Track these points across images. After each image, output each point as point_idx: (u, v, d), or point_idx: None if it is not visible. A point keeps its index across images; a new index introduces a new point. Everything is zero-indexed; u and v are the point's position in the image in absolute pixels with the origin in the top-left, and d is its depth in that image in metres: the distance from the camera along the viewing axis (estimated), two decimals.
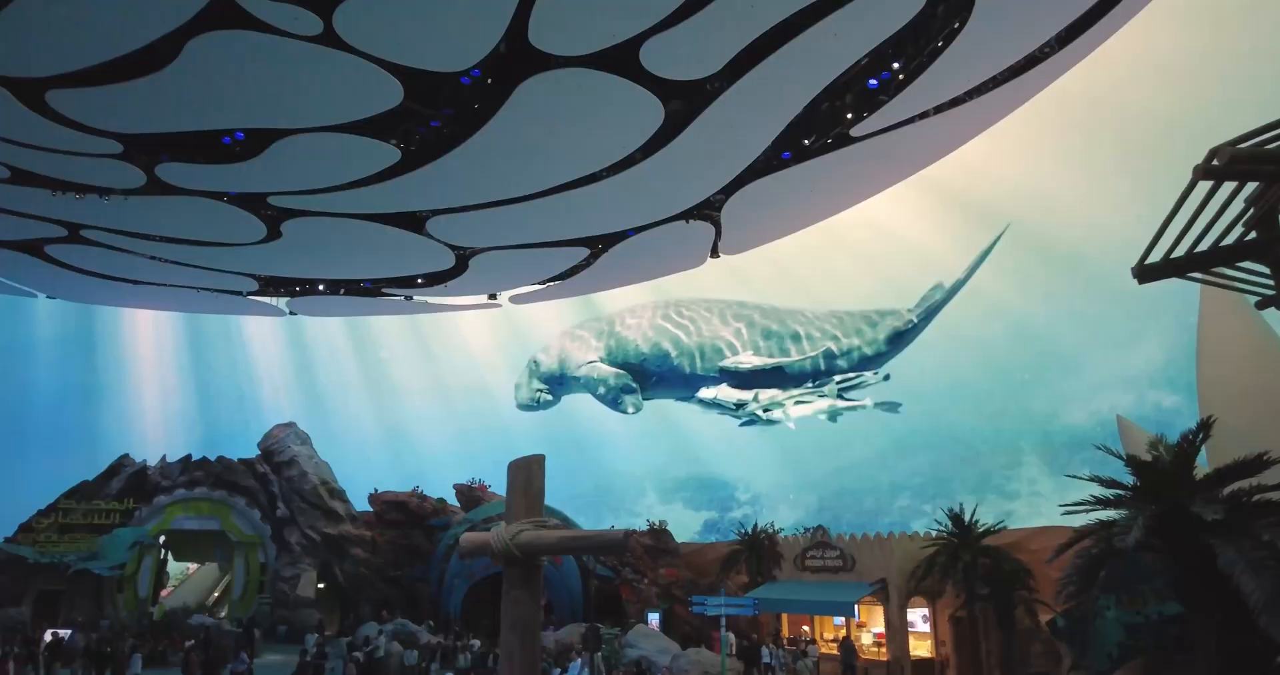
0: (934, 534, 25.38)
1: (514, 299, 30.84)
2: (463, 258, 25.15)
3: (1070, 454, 51.76)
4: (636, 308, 48.00)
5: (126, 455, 36.22)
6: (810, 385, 40.41)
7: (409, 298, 29.68)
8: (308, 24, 13.90)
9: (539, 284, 28.69)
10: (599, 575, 32.69)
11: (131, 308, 39.72)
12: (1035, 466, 58.37)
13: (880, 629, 26.96)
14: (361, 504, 37.21)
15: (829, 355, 41.10)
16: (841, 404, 39.86)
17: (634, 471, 64.32)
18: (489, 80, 15.96)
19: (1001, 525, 25.25)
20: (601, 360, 46.58)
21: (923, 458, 59.37)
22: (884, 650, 26.32)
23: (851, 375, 39.24)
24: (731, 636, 25.71)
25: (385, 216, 21.85)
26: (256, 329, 61.35)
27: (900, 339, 40.13)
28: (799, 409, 41.04)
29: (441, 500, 37.46)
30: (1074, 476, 15.70)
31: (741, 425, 44.02)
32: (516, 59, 15.21)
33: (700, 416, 43.78)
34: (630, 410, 45.79)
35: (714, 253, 25.58)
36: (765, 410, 40.99)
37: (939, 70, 16.78)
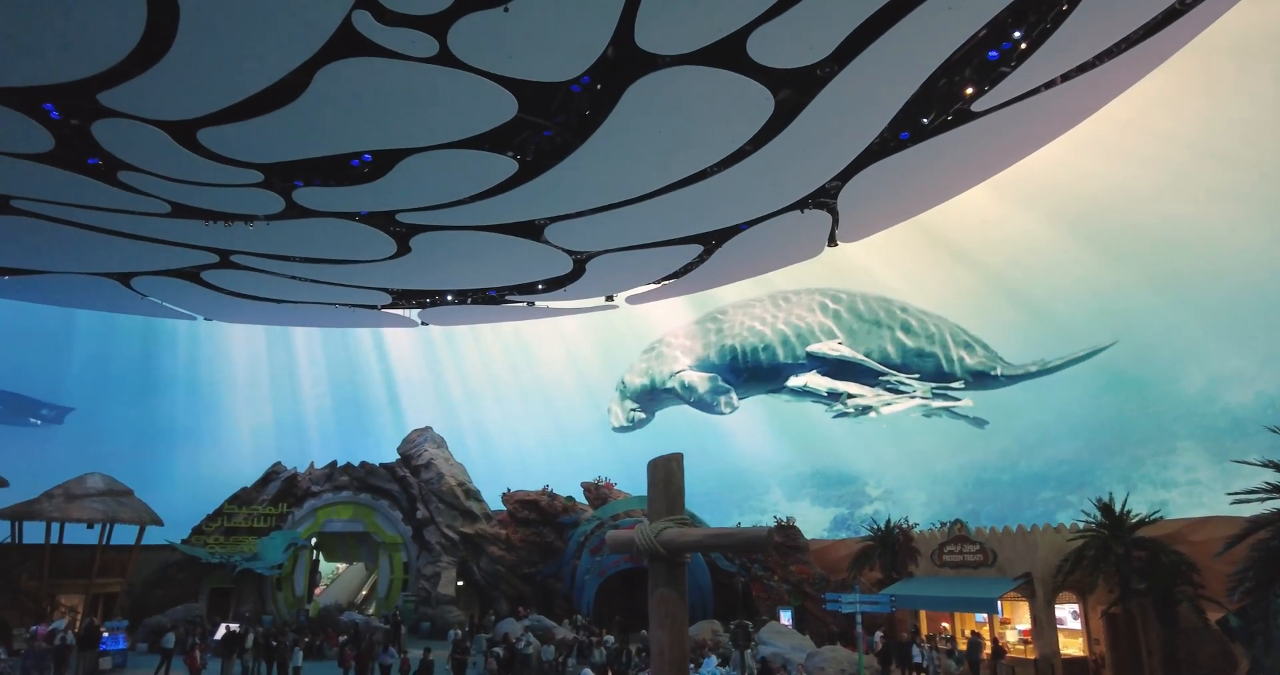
0: (1081, 526, 23.95)
1: (630, 299, 31.16)
2: (580, 262, 25.63)
3: (1234, 438, 47.73)
4: (721, 309, 48.33)
5: (279, 463, 38.85)
6: (898, 384, 40.05)
7: (531, 303, 30.52)
8: (424, 45, 14.50)
9: (654, 283, 28.88)
10: (727, 572, 32.58)
11: (278, 326, 42.58)
12: (1193, 453, 54.02)
13: (1026, 626, 25.67)
14: (495, 503, 38.46)
15: (919, 354, 40.32)
16: (936, 404, 39.15)
17: (758, 468, 63.64)
18: (598, 86, 16.19)
19: (1158, 515, 23.55)
20: (689, 368, 47.28)
21: (1067, 446, 55.91)
22: (1030, 648, 25.04)
23: (942, 386, 38.76)
24: (879, 634, 25.04)
25: (506, 226, 22.54)
26: (392, 339, 64.53)
27: (981, 379, 39.21)
28: (890, 409, 40.77)
29: (570, 498, 38.23)
30: (1243, 462, 14.48)
31: (834, 417, 43.50)
32: (624, 62, 15.37)
33: (826, 411, 43.22)
34: (726, 411, 45.76)
35: (832, 241, 25.03)
36: (857, 410, 40.96)
37: (1065, 34, 15.81)
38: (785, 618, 29.98)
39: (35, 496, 31.89)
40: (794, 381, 42.71)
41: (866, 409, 42.24)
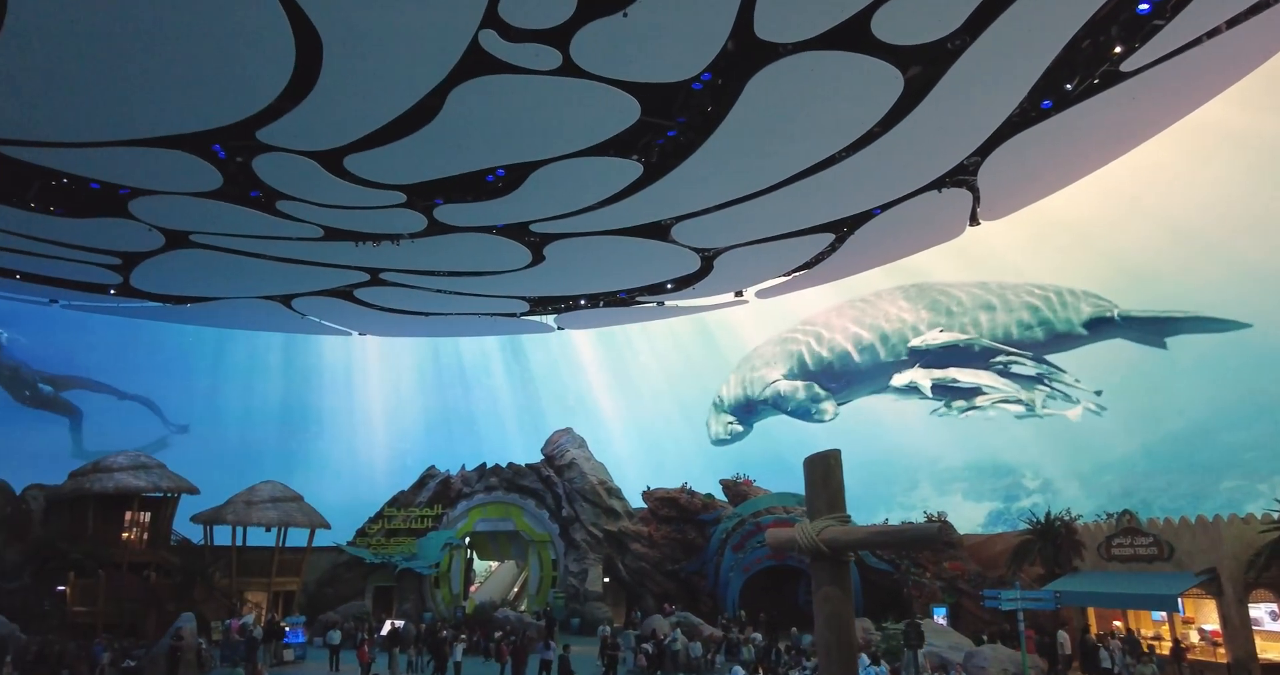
0: (1276, 516, 21.70)
1: (760, 294, 30.83)
2: (708, 259, 25.61)
3: None
4: (812, 316, 47.21)
5: (432, 467, 40.90)
6: (1012, 362, 38.06)
7: (660, 303, 30.77)
8: (548, 58, 14.89)
9: (784, 276, 28.44)
10: (876, 569, 31.66)
11: (426, 337, 44.80)
12: None
13: (1212, 626, 23.51)
14: (636, 501, 38.96)
15: (1023, 325, 38.05)
16: (1041, 395, 37.04)
17: (904, 462, 61.15)
18: (719, 81, 16.12)
19: None
20: (784, 377, 46.43)
21: (1257, 429, 50.32)
22: (1220, 651, 22.92)
23: (1053, 371, 36.35)
24: (1064, 635, 23.63)
25: (633, 229, 22.82)
26: (529, 344, 66.48)
27: (1099, 326, 36.19)
28: (996, 410, 39.00)
29: (709, 495, 38.23)
30: None
31: (934, 413, 41.85)
32: (745, 55, 15.23)
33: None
34: (827, 417, 45.07)
35: (973, 220, 23.86)
36: (964, 411, 39.41)
37: None
38: (938, 616, 28.83)
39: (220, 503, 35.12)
40: (897, 379, 41.72)
41: (969, 412, 41.03)
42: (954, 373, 40.20)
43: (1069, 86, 17.38)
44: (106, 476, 33.66)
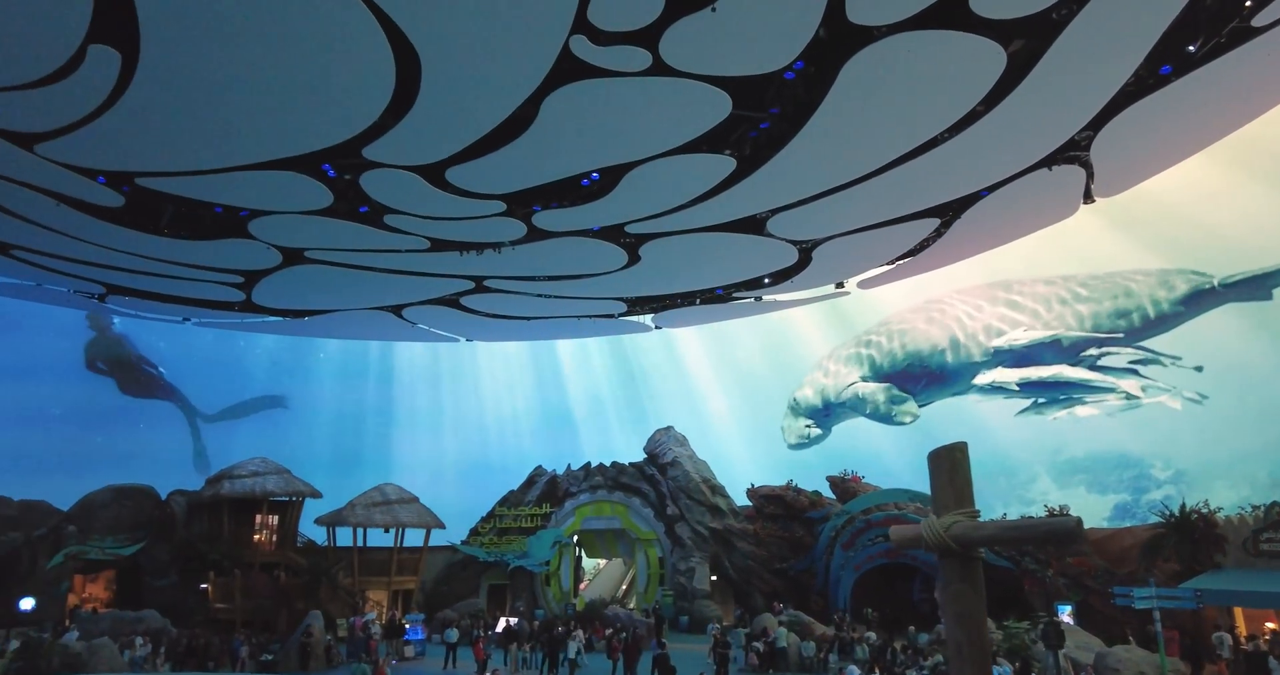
0: None
1: (862, 284, 30.10)
2: (806, 251, 25.18)
3: None
4: (889, 317, 45.85)
5: (539, 466, 41.84)
6: (1098, 371, 36.09)
7: (758, 298, 30.46)
8: (639, 59, 14.94)
9: (887, 264, 27.67)
10: (994, 565, 30.42)
11: (528, 341, 45.77)
12: None
13: None
14: (740, 499, 38.74)
15: (1116, 314, 35.79)
16: (1137, 387, 34.73)
17: (1021, 455, 58.27)
18: (812, 70, 15.81)
19: None
20: (862, 379, 45.28)
21: None
22: None
23: (1146, 354, 34.09)
24: (1225, 636, 22.16)
25: (728, 225, 22.68)
26: (628, 342, 66.94)
27: (1199, 300, 33.59)
28: (1087, 409, 36.94)
29: (816, 492, 37.62)
30: None
31: (1018, 414, 40.00)
32: (837, 41, 14.89)
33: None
34: (907, 420, 43.76)
35: (1087, 197, 22.59)
36: (1056, 410, 37.63)
37: None
38: (1063, 613, 27.44)
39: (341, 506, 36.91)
40: (980, 380, 40.27)
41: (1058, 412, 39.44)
42: (1041, 371, 38.85)
43: (1191, 48, 16.22)
44: (238, 482, 35.93)
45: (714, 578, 36.80)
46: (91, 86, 15.72)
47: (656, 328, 35.86)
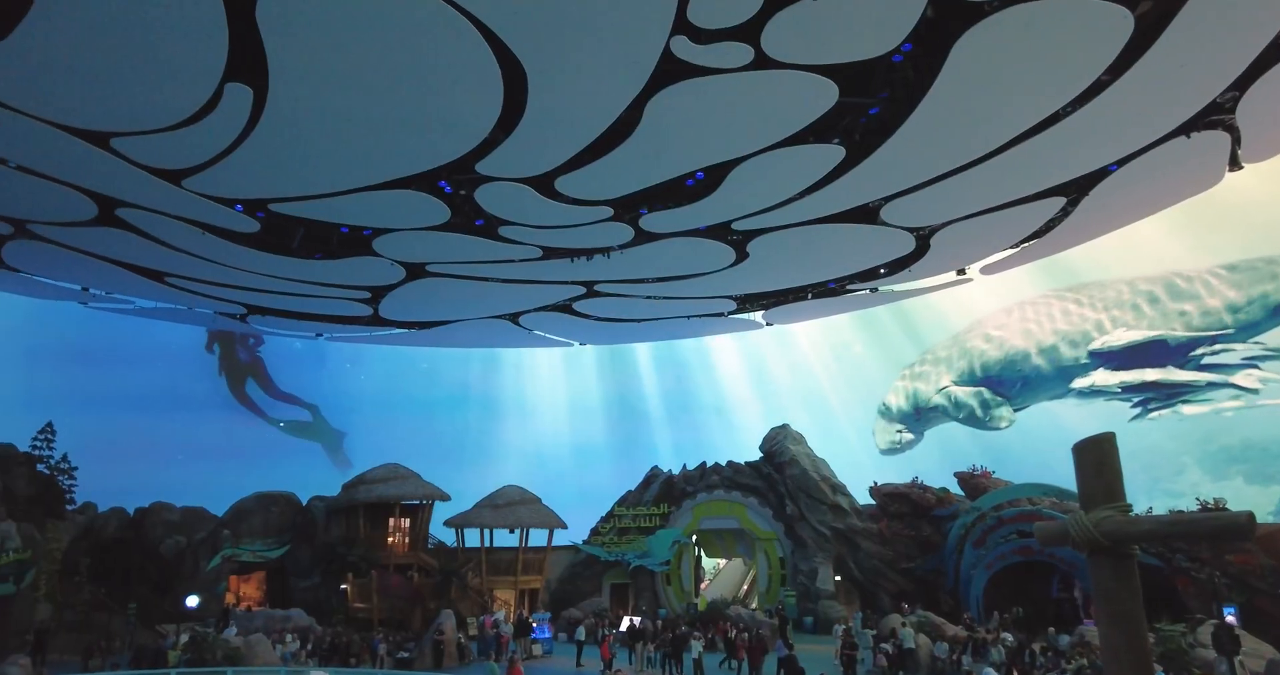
0: None
1: (985, 270, 28.80)
2: (923, 238, 24.32)
3: None
4: (980, 320, 44.65)
5: (655, 466, 42.20)
6: (1209, 370, 33.61)
7: (874, 289, 29.64)
8: (740, 54, 14.80)
9: (1011, 248, 26.36)
10: (1142, 563, 28.51)
11: (637, 342, 46.23)
12: None
13: None
14: (863, 497, 37.90)
15: (1230, 308, 33.10)
16: (1256, 380, 32.00)
17: (1166, 445, 54.34)
18: (921, 51, 15.26)
19: None
20: (954, 382, 43.97)
21: None
22: None
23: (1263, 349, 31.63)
24: None
25: (839, 215, 22.17)
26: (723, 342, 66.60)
27: None
28: (1195, 408, 34.39)
29: (944, 489, 36.35)
30: None
31: (1133, 420, 37.38)
32: (946, 19, 14.31)
33: None
34: (1003, 425, 42.64)
35: (1234, 163, 20.80)
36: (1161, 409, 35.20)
37: None
38: (1228, 615, 25.38)
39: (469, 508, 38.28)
40: (1079, 383, 38.46)
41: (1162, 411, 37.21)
42: (1147, 373, 36.64)
43: None
44: (371, 487, 37.85)
45: (838, 578, 36.09)
46: (229, 122, 16.91)
47: (767, 324, 35.47)
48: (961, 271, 28.61)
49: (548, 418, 73.23)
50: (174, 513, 37.54)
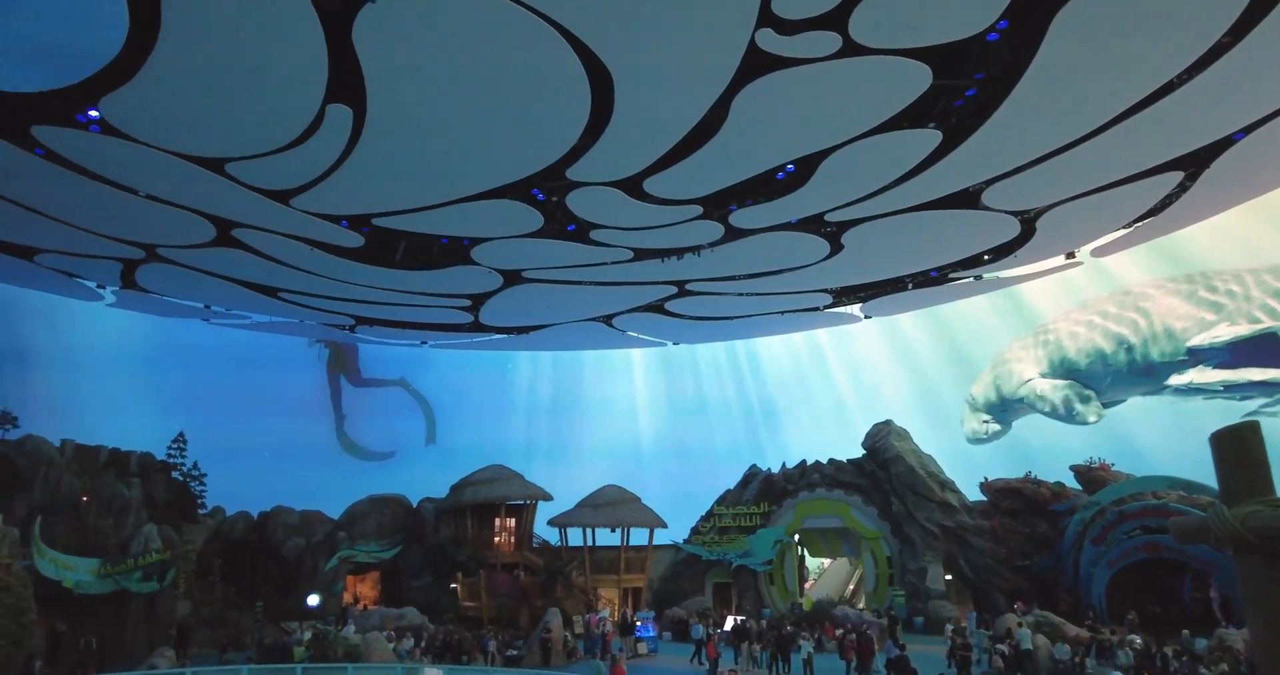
0: None
1: (1095, 252, 27.33)
2: (1028, 221, 23.26)
3: None
4: (1069, 310, 42.94)
5: (754, 465, 41.82)
6: None
7: (978, 277, 28.56)
8: (827, 43, 14.50)
9: (1124, 228, 24.90)
10: None
11: (730, 340, 45.98)
12: None
13: None
14: (972, 493, 36.58)
15: None
16: None
17: None
18: (1018, 26, 14.59)
19: None
20: (1041, 375, 42.63)
21: None
22: None
23: None
24: None
25: (938, 202, 21.46)
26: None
27: None
28: None
29: (1059, 484, 34.69)
30: None
31: (1246, 415, 34.30)
32: None
33: None
34: (1091, 419, 41.17)
35: None
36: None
37: None
38: None
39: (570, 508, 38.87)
40: (1176, 380, 36.04)
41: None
42: (1254, 372, 34.06)
43: None
44: (477, 488, 38.86)
45: (949, 577, 34.92)
46: (331, 142, 17.72)
47: (865, 318, 34.66)
48: (1071, 255, 27.23)
49: (638, 417, 73.62)
50: (294, 516, 39.50)
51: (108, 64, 14.79)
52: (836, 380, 67.68)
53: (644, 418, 73.43)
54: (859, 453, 38.96)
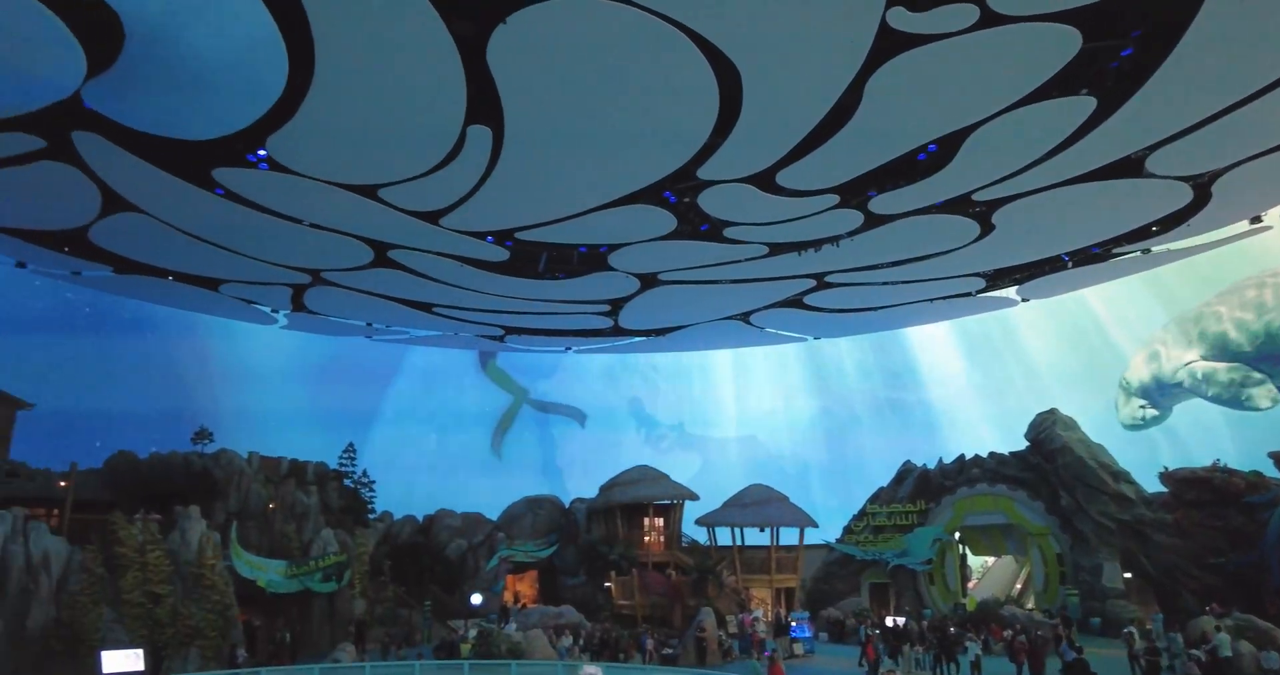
0: None
1: None
2: (1201, 187, 21.23)
3: None
4: (1234, 285, 39.85)
5: (908, 461, 40.41)
6: None
7: (1146, 251, 26.35)
8: (964, 16, 13.82)
9: None
10: None
11: (876, 332, 44.54)
12: None
13: None
14: (1150, 485, 33.77)
15: None
16: None
17: None
18: None
19: None
20: (1202, 357, 39.81)
21: None
22: None
23: None
24: None
25: (1095, 173, 19.98)
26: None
27: None
28: None
29: (1255, 472, 31.39)
30: None
31: None
32: None
33: None
34: (1264, 404, 38.58)
35: None
36: None
37: None
38: None
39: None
40: None
41: None
42: None
43: None
44: (625, 489, 39.62)
45: (1128, 575, 32.43)
46: (474, 162, 18.58)
47: (1022, 301, 32.75)
48: (1257, 219, 24.62)
49: (779, 414, 72.80)
50: (455, 518, 41.59)
51: (272, 106, 16.12)
52: (995, 368, 64.36)
53: (784, 415, 72.62)
54: (1021, 445, 36.84)
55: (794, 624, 30.62)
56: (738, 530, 37.98)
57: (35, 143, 17.89)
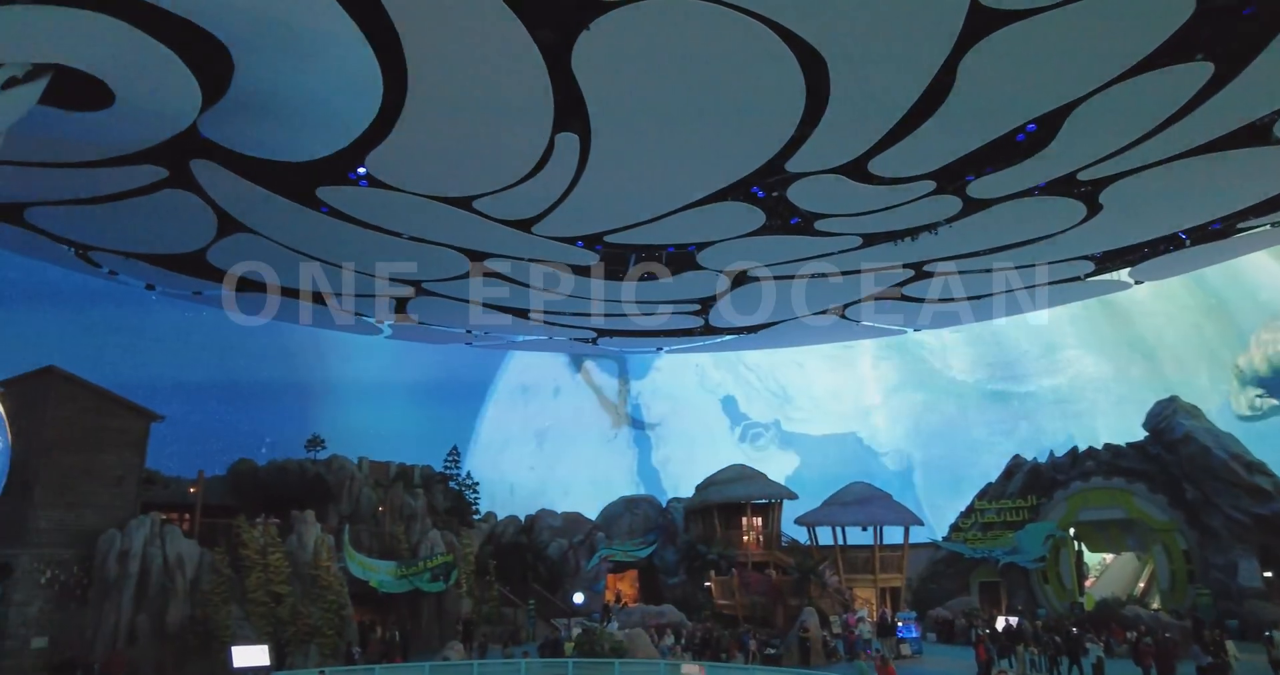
0: None
1: None
2: None
3: None
4: None
5: (1018, 455, 38.84)
6: None
7: (1277, 224, 24.49)
8: None
9: None
10: None
11: (978, 321, 42.83)
12: None
13: None
14: None
15: None
16: None
17: None
18: None
19: None
20: None
21: None
22: None
23: None
24: None
25: (1214, 144, 18.69)
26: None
27: None
28: None
29: None
30: None
31: None
32: None
33: None
34: None
35: None
36: None
37: None
38: None
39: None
40: None
41: None
42: None
43: None
44: (721, 488, 39.50)
45: (1268, 574, 30.25)
46: (562, 168, 18.87)
47: (1135, 283, 30.98)
48: None
49: (874, 410, 71.28)
50: (556, 518, 42.39)
51: (370, 124, 16.77)
52: (1106, 356, 61.20)
53: (884, 410, 71.12)
54: (1140, 435, 34.87)
55: (901, 624, 29.88)
56: (839, 529, 37.28)
57: (159, 173, 19.16)
